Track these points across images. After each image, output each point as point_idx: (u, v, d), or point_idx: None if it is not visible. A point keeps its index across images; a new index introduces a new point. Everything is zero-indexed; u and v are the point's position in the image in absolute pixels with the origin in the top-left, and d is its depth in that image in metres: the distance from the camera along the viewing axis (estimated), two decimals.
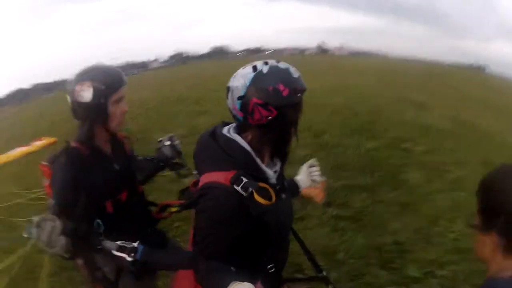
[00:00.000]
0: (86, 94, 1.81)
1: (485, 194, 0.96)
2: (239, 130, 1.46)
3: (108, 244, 1.60)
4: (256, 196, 1.31)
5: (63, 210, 1.71)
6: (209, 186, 1.38)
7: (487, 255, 0.95)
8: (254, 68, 1.36)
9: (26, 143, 12.72)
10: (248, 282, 1.17)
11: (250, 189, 1.31)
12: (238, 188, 1.31)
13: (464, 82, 20.78)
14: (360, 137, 7.61)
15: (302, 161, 2.04)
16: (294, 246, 3.58)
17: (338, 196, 4.88)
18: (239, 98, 1.34)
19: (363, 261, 3.47)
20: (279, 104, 1.31)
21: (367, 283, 3.21)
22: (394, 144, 7.00)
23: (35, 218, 1.41)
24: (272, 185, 1.44)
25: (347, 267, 3.41)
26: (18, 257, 4.62)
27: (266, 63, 1.36)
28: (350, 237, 3.86)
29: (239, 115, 1.38)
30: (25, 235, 1.40)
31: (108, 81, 1.86)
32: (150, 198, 2.35)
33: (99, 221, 1.74)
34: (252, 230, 1.40)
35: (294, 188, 1.97)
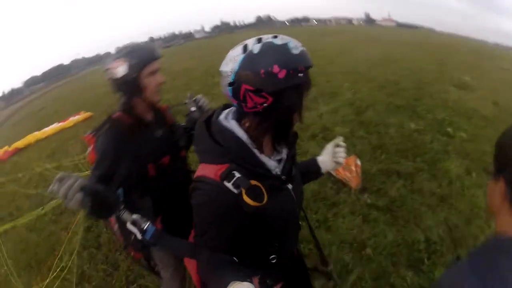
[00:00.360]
0: (119, 69, 1.97)
1: (500, 140, 0.95)
2: (238, 116, 1.36)
3: (125, 214, 1.64)
4: (244, 197, 1.23)
5: (103, 176, 1.85)
6: (201, 180, 1.31)
7: (496, 205, 0.93)
8: (244, 48, 1.21)
9: (65, 118, 13.31)
10: (248, 279, 1.13)
11: (240, 187, 1.24)
12: (229, 185, 1.24)
13: (509, 64, 19.64)
14: (403, 116, 7.45)
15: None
16: (321, 236, 3.65)
17: (374, 182, 4.81)
18: (229, 84, 1.22)
19: (391, 259, 3.42)
20: (274, 89, 1.18)
21: (391, 284, 3.17)
22: (437, 127, 6.78)
23: (58, 174, 1.43)
24: (274, 177, 1.39)
25: (373, 264, 3.37)
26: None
27: (259, 41, 1.21)
28: (382, 230, 3.81)
29: (233, 102, 1.28)
30: (48, 191, 1.44)
31: (139, 56, 1.98)
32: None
33: (120, 190, 1.91)
34: (250, 224, 1.33)
35: (313, 170, 1.86)
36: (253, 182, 1.25)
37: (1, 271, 4.36)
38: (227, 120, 1.36)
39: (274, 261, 1.51)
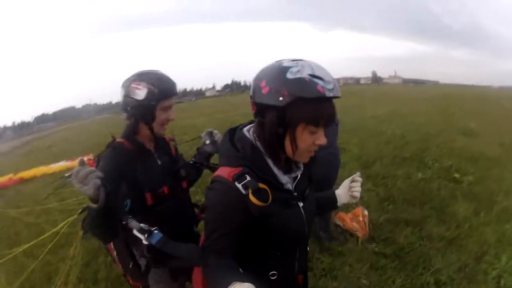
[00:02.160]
0: (140, 92, 1.97)
1: None
2: None
3: (132, 223, 1.67)
4: (250, 196, 1.29)
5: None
6: (215, 180, 1.38)
7: None
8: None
9: (73, 158, 13.43)
10: (250, 282, 1.13)
11: (248, 188, 1.29)
12: (239, 186, 1.30)
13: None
14: (410, 167, 7.48)
15: None
16: (327, 285, 3.57)
17: (382, 231, 4.74)
18: None
19: None
20: (257, 100, 1.30)
21: None
22: (444, 174, 6.79)
23: (81, 159, 1.41)
24: (285, 190, 1.43)
25: None
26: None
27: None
28: (390, 276, 3.72)
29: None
30: (67, 174, 1.47)
31: (162, 87, 2.01)
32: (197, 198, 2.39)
33: (128, 201, 1.86)
34: (254, 228, 1.37)
35: (331, 200, 1.87)
36: (262, 185, 1.31)
37: None
38: (249, 131, 1.45)
39: (274, 278, 1.51)
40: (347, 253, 4.26)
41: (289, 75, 1.22)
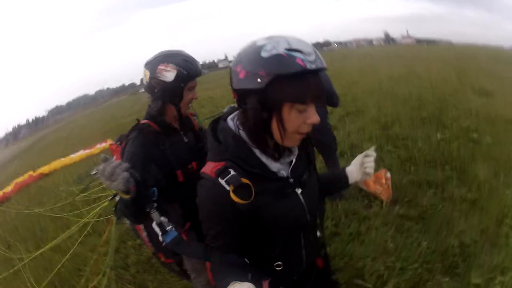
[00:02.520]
0: (169, 74, 2.04)
1: None
2: None
3: (154, 214, 1.65)
4: (231, 194, 1.24)
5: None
6: (201, 177, 1.35)
7: None
8: None
9: (91, 145, 13.66)
10: (257, 282, 1.14)
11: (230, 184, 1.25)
12: (222, 182, 1.26)
13: None
14: (429, 128, 7.51)
15: None
16: (354, 249, 3.75)
17: (405, 193, 4.87)
18: None
19: (426, 267, 3.45)
20: (235, 87, 1.25)
21: None
22: (462, 135, 6.83)
23: (104, 156, 1.42)
24: (279, 179, 1.38)
25: (409, 272, 3.40)
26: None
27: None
28: (415, 239, 3.86)
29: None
30: (93, 172, 1.47)
31: (190, 69, 2.10)
32: None
33: (155, 189, 1.81)
34: (247, 223, 1.33)
35: (340, 180, 1.75)
36: (244, 180, 1.26)
37: None
38: (233, 120, 1.38)
39: (280, 269, 1.47)
40: (372, 217, 4.43)
41: (264, 54, 1.15)
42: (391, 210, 4.51)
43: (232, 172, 1.26)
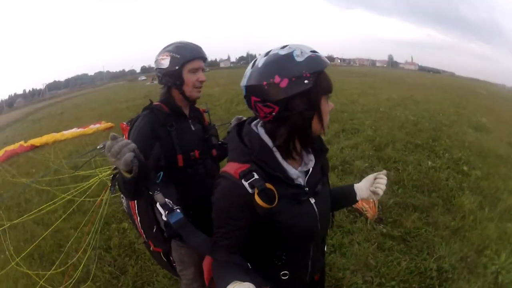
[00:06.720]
0: (165, 61, 2.18)
1: None
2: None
3: (158, 196, 1.70)
4: (256, 197, 1.26)
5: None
6: (222, 176, 1.36)
7: None
8: (253, 63, 1.32)
9: (85, 125, 13.53)
10: (251, 282, 1.14)
11: (255, 187, 1.27)
12: (246, 184, 1.27)
13: None
14: (421, 154, 7.67)
15: (361, 173, 2.05)
16: (336, 260, 3.79)
17: (391, 213, 4.96)
18: (244, 97, 1.34)
19: (403, 286, 3.52)
20: (278, 98, 1.23)
21: None
22: (453, 166, 6.98)
23: (111, 134, 1.43)
24: (296, 186, 1.40)
25: None
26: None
27: (266, 54, 1.29)
28: (396, 258, 3.92)
29: (254, 112, 1.37)
30: (99, 147, 1.55)
31: (183, 52, 2.17)
32: None
33: (161, 173, 1.95)
34: (260, 226, 1.35)
35: (348, 195, 1.78)
36: (269, 185, 1.28)
37: (0, 256, 4.45)
38: (257, 125, 1.43)
39: (286, 278, 1.48)
40: (356, 231, 4.49)
41: (298, 58, 1.22)
42: (375, 227, 4.58)
43: (256, 176, 1.28)
